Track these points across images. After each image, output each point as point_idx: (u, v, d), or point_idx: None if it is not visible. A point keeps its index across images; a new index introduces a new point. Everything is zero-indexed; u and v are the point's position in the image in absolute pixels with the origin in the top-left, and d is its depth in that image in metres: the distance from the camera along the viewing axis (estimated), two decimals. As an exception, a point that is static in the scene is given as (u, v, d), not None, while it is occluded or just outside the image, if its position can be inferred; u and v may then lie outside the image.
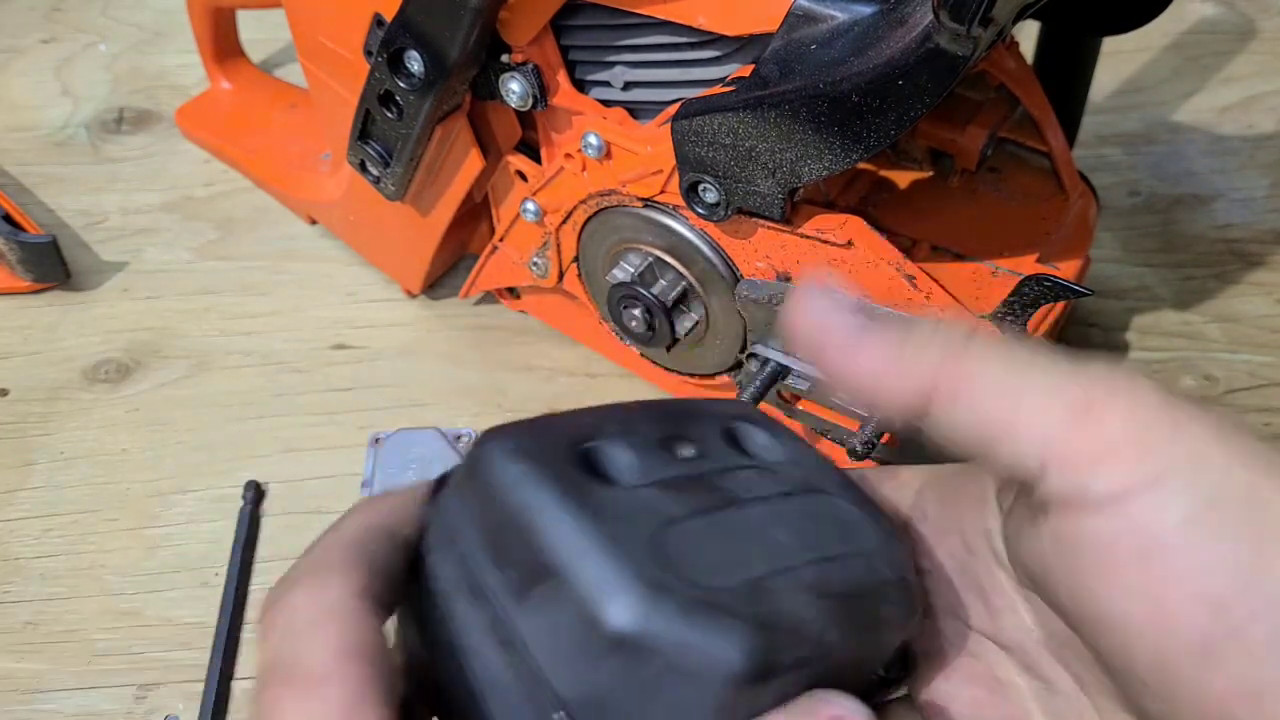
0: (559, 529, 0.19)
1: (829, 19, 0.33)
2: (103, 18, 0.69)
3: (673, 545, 0.19)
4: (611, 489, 0.20)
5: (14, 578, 0.43)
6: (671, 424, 0.23)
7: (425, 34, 0.37)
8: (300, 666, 0.19)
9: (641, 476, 0.21)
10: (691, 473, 0.21)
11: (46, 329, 0.52)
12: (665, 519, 0.20)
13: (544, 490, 0.20)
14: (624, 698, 0.19)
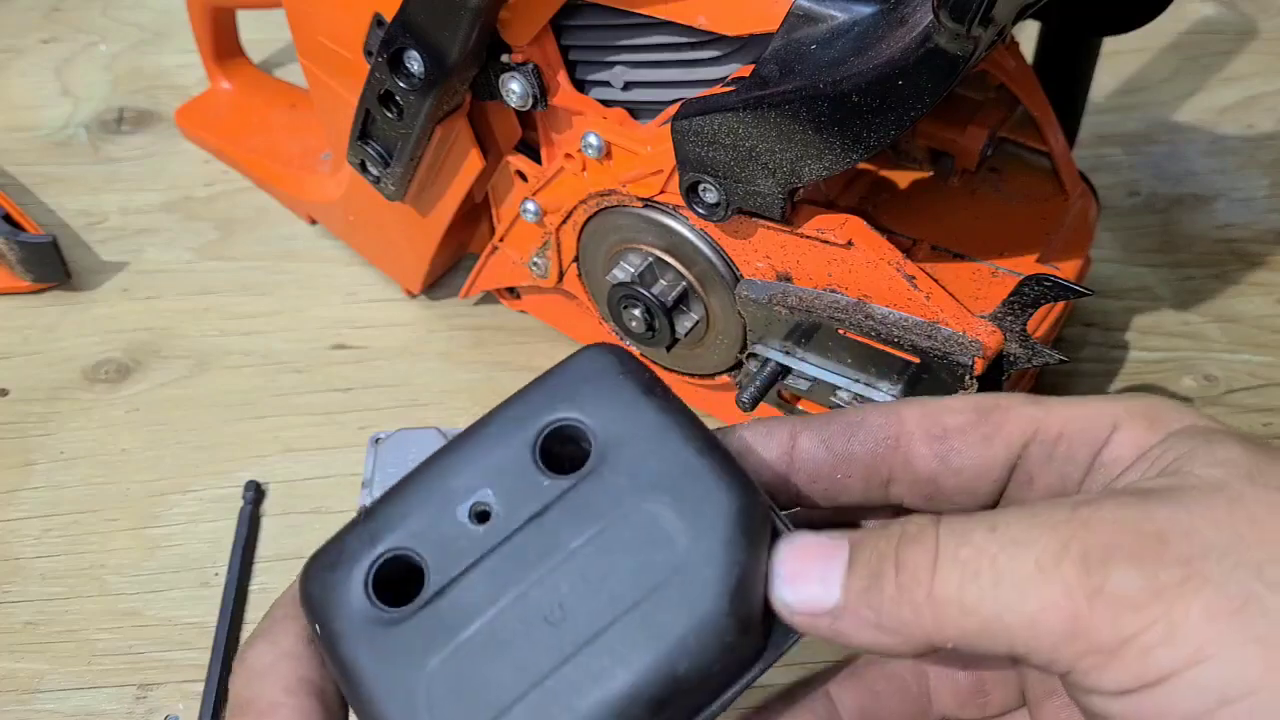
0: (351, 688, 0.21)
1: (829, 19, 0.33)
2: (103, 18, 0.69)
3: (442, 690, 0.21)
4: (398, 624, 0.21)
5: (14, 578, 0.43)
6: (476, 468, 0.22)
7: (425, 34, 0.37)
8: (254, 703, 0.22)
9: (431, 582, 0.22)
10: (486, 548, 0.22)
11: (46, 329, 0.52)
12: (440, 656, 0.21)
13: (340, 651, 0.21)
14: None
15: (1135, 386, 0.48)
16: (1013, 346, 0.35)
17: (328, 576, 0.22)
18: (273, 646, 0.23)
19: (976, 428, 0.23)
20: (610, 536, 0.21)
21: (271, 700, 0.22)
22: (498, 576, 0.21)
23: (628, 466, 0.22)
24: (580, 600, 0.21)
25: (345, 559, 0.22)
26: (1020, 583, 0.18)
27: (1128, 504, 0.18)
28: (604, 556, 0.21)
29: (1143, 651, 0.17)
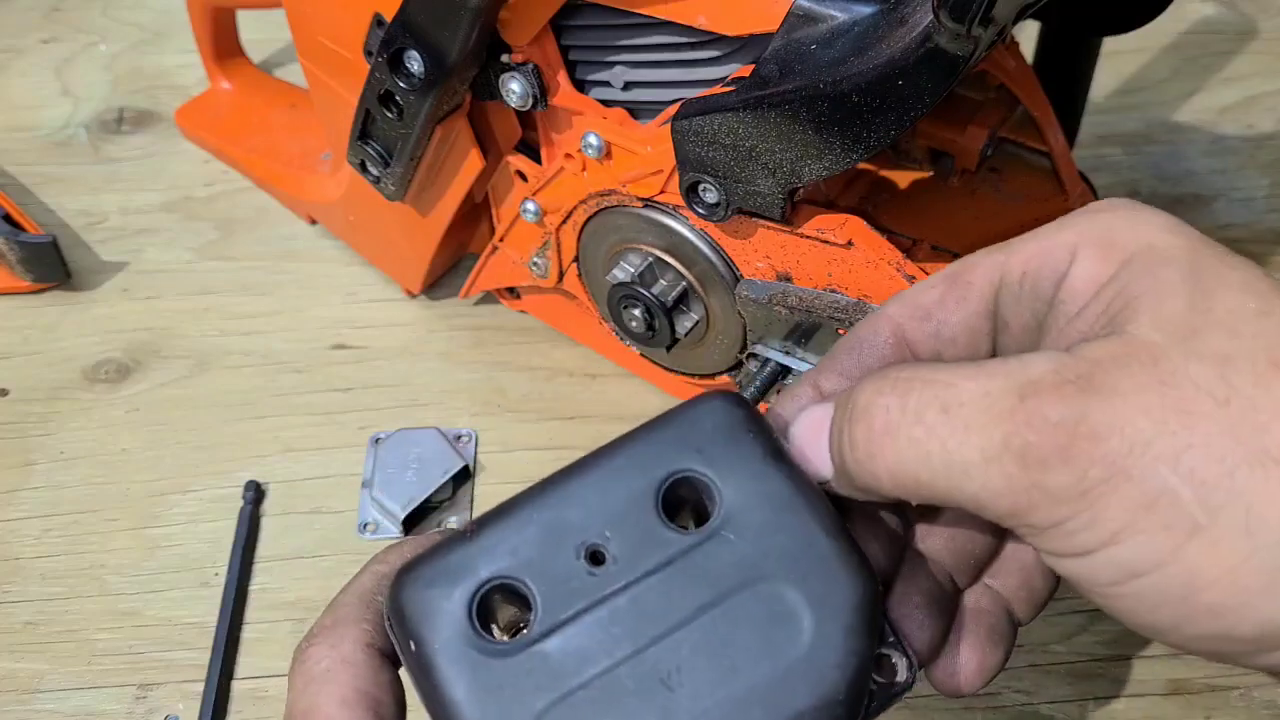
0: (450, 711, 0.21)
1: (829, 19, 0.33)
2: (103, 18, 0.69)
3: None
4: (501, 657, 0.21)
5: (14, 578, 0.43)
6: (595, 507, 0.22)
7: (425, 34, 0.37)
8: (311, 713, 0.22)
9: (542, 618, 0.21)
10: (598, 598, 0.21)
11: (46, 329, 0.52)
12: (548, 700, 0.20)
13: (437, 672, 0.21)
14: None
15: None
16: (1013, 346, 0.35)
17: (427, 594, 0.21)
18: (332, 650, 0.22)
19: (951, 294, 0.24)
20: (734, 608, 0.21)
21: (327, 714, 0.22)
22: (613, 627, 0.21)
23: (754, 536, 0.22)
24: (699, 668, 0.21)
25: (447, 578, 0.21)
26: (967, 468, 0.20)
27: (1068, 397, 0.20)
28: (726, 628, 0.21)
29: (1069, 533, 0.20)
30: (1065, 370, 0.20)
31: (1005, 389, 0.20)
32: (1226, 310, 0.20)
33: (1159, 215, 0.22)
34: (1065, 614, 0.41)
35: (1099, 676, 0.39)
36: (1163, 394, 0.19)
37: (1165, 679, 0.39)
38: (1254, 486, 0.18)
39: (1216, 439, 0.19)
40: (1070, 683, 0.39)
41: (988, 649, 0.25)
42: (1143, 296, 0.21)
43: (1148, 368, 0.19)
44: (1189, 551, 0.19)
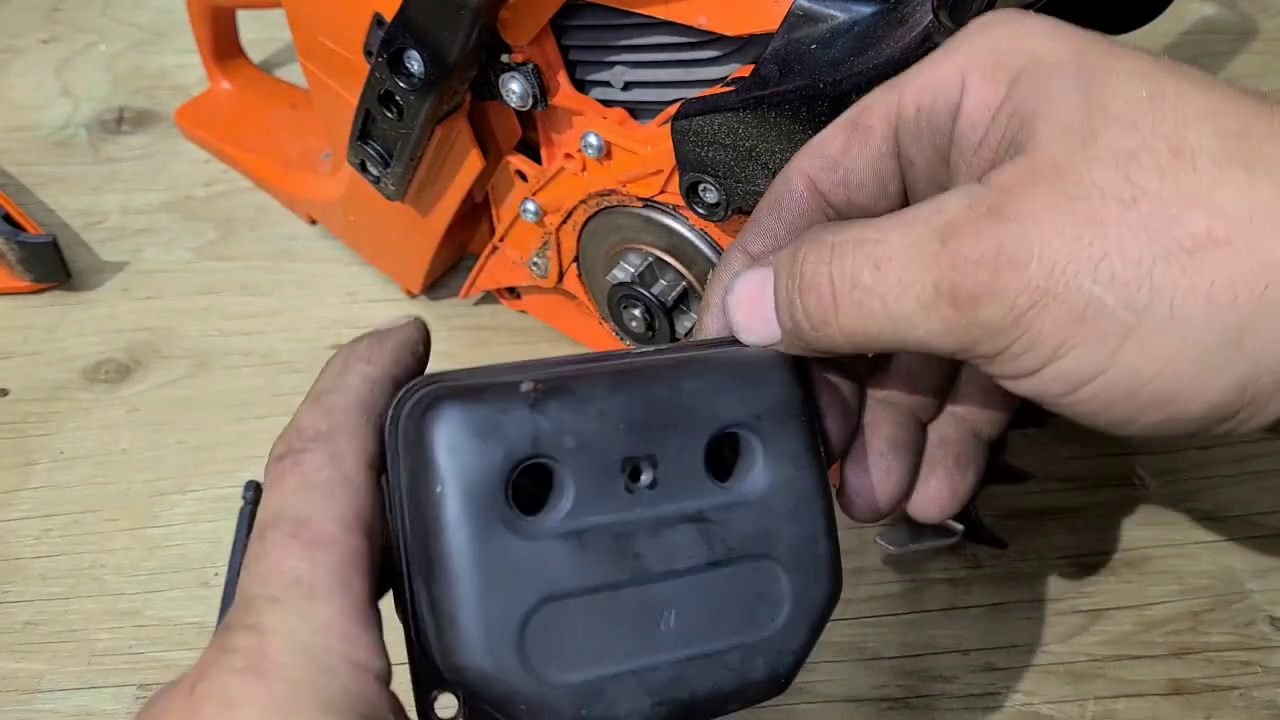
0: (447, 569, 0.20)
1: (829, 19, 0.33)
2: (103, 18, 0.69)
3: (541, 624, 0.21)
4: (518, 539, 0.21)
5: (14, 578, 0.43)
6: (652, 431, 0.22)
7: (425, 34, 0.37)
8: (310, 524, 0.21)
9: (568, 516, 0.21)
10: (624, 518, 0.21)
11: (46, 329, 0.52)
12: (550, 592, 0.21)
13: (453, 522, 0.20)
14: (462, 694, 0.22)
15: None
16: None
17: (471, 442, 0.21)
18: (334, 463, 0.22)
19: (852, 140, 0.25)
20: (736, 575, 0.23)
21: (327, 530, 0.21)
22: (630, 550, 0.22)
23: (774, 517, 0.23)
24: (689, 616, 0.22)
25: (497, 434, 0.21)
26: (909, 316, 0.21)
27: (984, 232, 0.20)
28: (724, 589, 0.22)
29: (1013, 357, 0.21)
30: (977, 205, 0.20)
31: (926, 235, 0.21)
32: (1122, 103, 0.20)
33: (1040, 21, 0.22)
34: (1065, 614, 0.41)
35: (1099, 676, 0.39)
36: (1072, 208, 0.20)
37: (1165, 679, 0.39)
38: (1172, 279, 0.19)
39: (1130, 241, 0.19)
40: (1070, 683, 0.39)
41: (956, 475, 0.27)
42: (1037, 111, 0.21)
43: (1053, 184, 0.20)
44: (1125, 353, 0.19)
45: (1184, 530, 0.43)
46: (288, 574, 0.21)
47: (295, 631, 0.20)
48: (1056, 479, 0.45)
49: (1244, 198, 0.19)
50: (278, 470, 0.22)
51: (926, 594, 0.42)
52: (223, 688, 0.20)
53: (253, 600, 0.21)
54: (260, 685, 0.20)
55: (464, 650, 0.20)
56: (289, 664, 0.20)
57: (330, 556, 0.21)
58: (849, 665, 0.40)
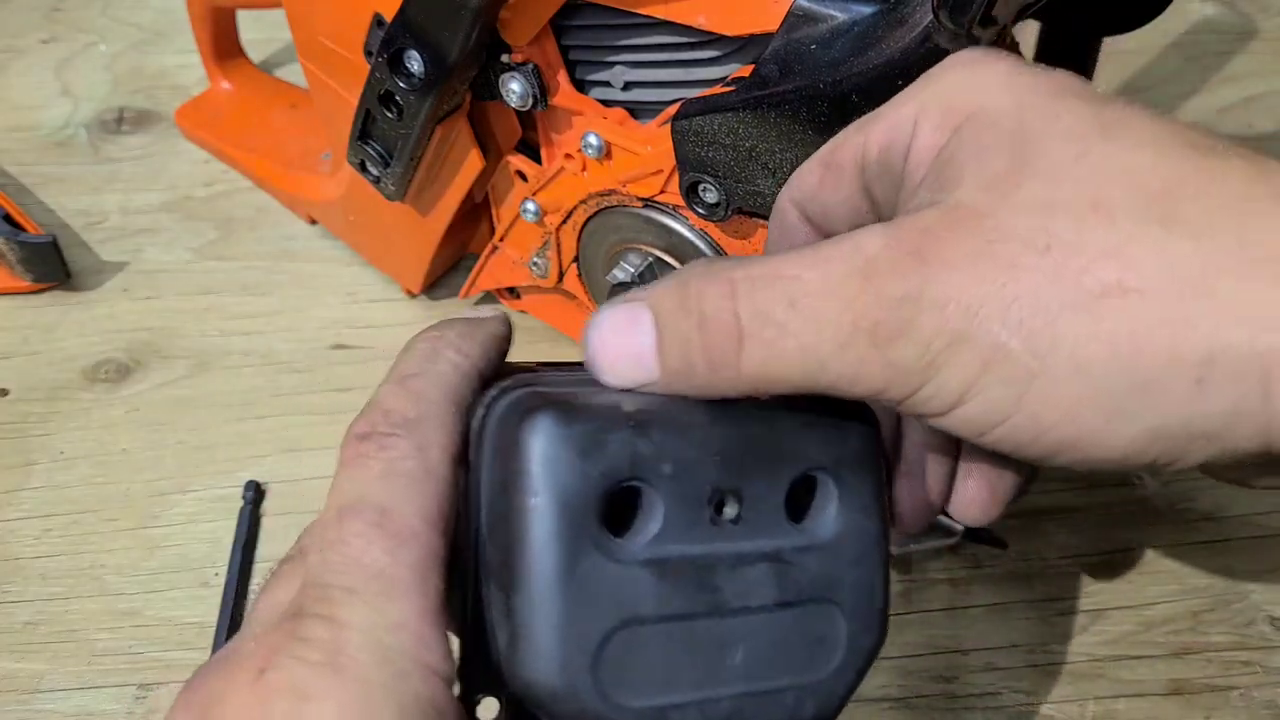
0: (532, 582, 0.20)
1: (829, 19, 0.33)
2: (103, 18, 0.69)
3: (617, 648, 0.21)
4: (606, 561, 0.21)
5: (14, 578, 0.43)
6: (739, 467, 0.22)
7: (425, 34, 0.37)
8: (394, 515, 0.21)
9: (654, 541, 0.21)
10: (707, 550, 0.22)
11: (46, 329, 0.52)
12: (629, 618, 0.21)
13: (545, 536, 0.20)
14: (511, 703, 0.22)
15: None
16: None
17: (572, 460, 0.20)
18: (420, 453, 0.21)
19: (826, 178, 0.25)
20: (802, 616, 0.23)
21: (410, 525, 0.20)
22: (709, 582, 0.22)
23: (842, 563, 0.23)
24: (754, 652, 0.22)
25: (596, 455, 0.21)
26: (824, 357, 0.21)
27: (907, 272, 0.20)
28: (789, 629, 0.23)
29: (924, 400, 0.21)
30: (897, 244, 0.20)
31: (847, 273, 0.20)
32: (1048, 161, 0.20)
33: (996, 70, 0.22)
34: (1065, 614, 0.41)
35: (1099, 677, 0.39)
36: (991, 253, 0.20)
37: (1165, 679, 0.39)
38: (1076, 327, 0.19)
39: (1041, 288, 0.19)
40: (1070, 683, 0.39)
41: (994, 476, 0.26)
42: (968, 161, 0.21)
43: (974, 230, 0.20)
44: (1029, 400, 0.20)
45: (1184, 530, 0.43)
46: (369, 566, 0.20)
47: (373, 628, 0.20)
48: (1056, 479, 0.45)
49: (1157, 253, 0.19)
50: (359, 450, 0.22)
51: (927, 594, 0.42)
52: (296, 679, 0.19)
53: (329, 589, 0.20)
54: (336, 681, 0.19)
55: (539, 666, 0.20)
56: (365, 662, 0.19)
57: (411, 552, 0.20)
58: (849, 665, 0.40)
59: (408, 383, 0.22)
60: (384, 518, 0.20)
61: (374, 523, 0.20)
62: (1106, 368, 0.19)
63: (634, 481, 0.21)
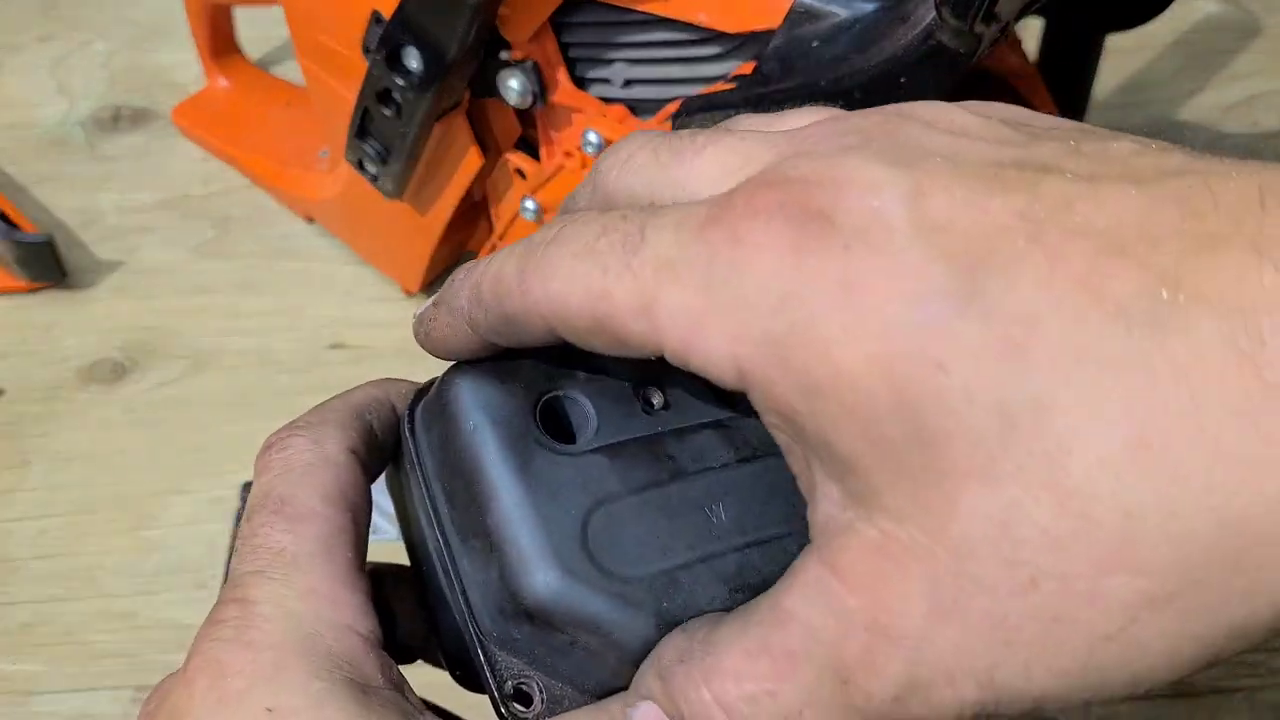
0: (497, 496, 0.21)
1: (831, 16, 0.32)
2: (99, 15, 0.69)
3: (599, 527, 0.21)
4: (558, 456, 0.21)
5: (10, 579, 0.43)
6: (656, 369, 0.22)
7: (423, 31, 0.37)
8: (291, 501, 0.22)
9: (596, 436, 0.22)
10: (649, 432, 0.22)
11: (42, 329, 0.52)
12: (600, 497, 0.21)
13: (492, 451, 0.21)
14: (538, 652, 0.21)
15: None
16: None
17: (494, 388, 0.22)
18: (316, 446, 0.23)
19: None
20: (768, 469, 0.22)
21: (309, 506, 0.22)
22: (664, 456, 0.22)
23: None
24: (736, 506, 0.22)
25: (516, 379, 0.22)
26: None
27: (886, 661, 0.17)
28: (758, 482, 0.22)
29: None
30: (853, 622, 0.17)
31: (824, 678, 0.17)
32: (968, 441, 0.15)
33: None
34: (1068, 615, 0.41)
35: (1102, 678, 0.39)
36: (968, 609, 0.16)
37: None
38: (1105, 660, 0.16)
39: (1048, 635, 0.16)
40: (1073, 685, 0.39)
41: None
42: (863, 452, 0.17)
43: (932, 576, 0.16)
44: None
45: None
46: (272, 548, 0.21)
47: (281, 600, 0.21)
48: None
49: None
50: (264, 461, 0.23)
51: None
52: (212, 658, 0.20)
53: (241, 577, 0.21)
54: (248, 653, 0.20)
55: (534, 566, 0.20)
56: (275, 631, 0.20)
57: (313, 528, 0.21)
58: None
59: (320, 405, 0.24)
60: (283, 505, 0.22)
61: (274, 510, 0.22)
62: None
63: (557, 392, 0.22)
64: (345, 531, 0.22)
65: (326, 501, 0.22)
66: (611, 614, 0.20)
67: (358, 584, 0.22)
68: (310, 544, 0.21)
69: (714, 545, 0.21)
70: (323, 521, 0.22)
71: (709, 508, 0.22)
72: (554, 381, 0.22)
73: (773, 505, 0.22)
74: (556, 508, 0.21)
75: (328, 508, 0.22)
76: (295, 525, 0.22)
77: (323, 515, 0.22)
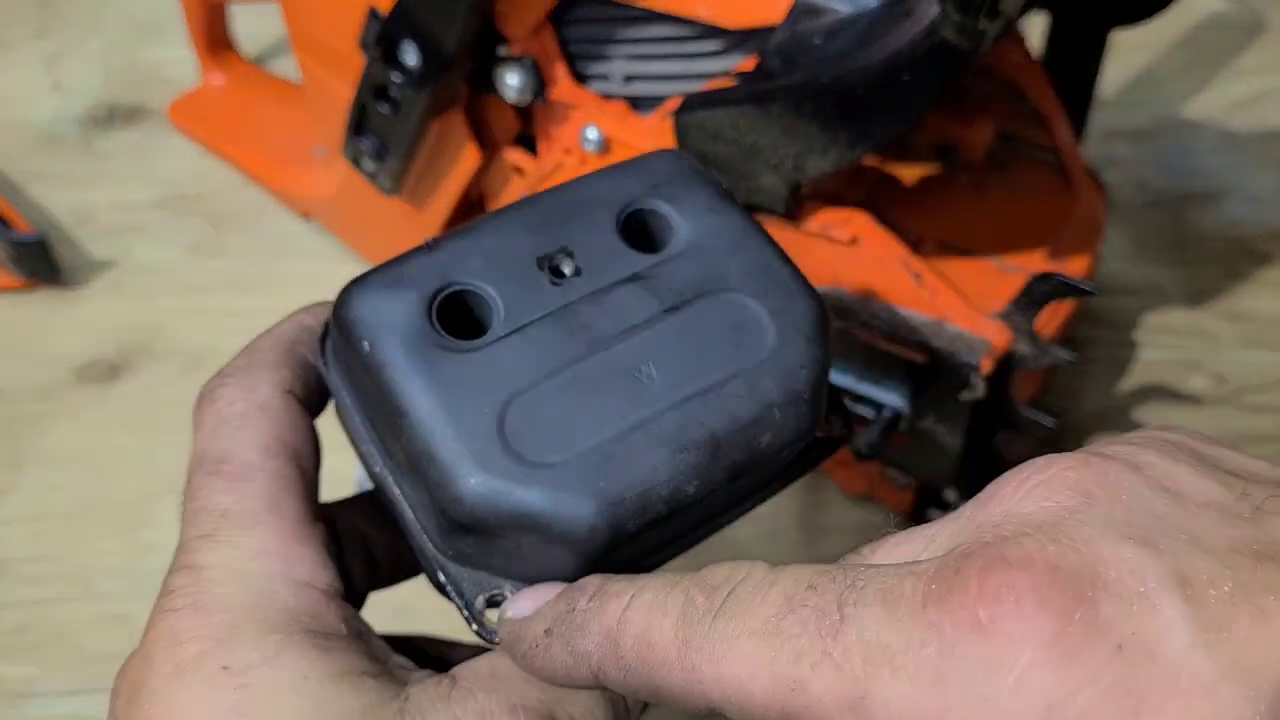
0: (404, 414, 0.20)
1: (833, 12, 0.32)
2: (94, 11, 0.68)
3: (517, 419, 0.20)
4: (462, 355, 0.20)
5: (3, 581, 0.43)
6: (557, 229, 0.22)
7: (421, 26, 0.36)
8: (228, 458, 0.21)
9: (504, 321, 0.21)
10: (561, 304, 0.21)
11: (36, 328, 0.52)
12: (513, 388, 0.20)
13: (392, 369, 0.20)
14: (495, 561, 0.20)
15: (1145, 386, 0.48)
16: (1021, 345, 0.34)
17: (383, 294, 0.21)
18: (248, 394, 0.22)
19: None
20: (700, 313, 0.21)
21: (247, 460, 0.21)
22: (579, 329, 0.21)
23: (714, 258, 0.22)
24: (669, 362, 0.21)
25: (405, 283, 0.21)
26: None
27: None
28: (693, 329, 0.21)
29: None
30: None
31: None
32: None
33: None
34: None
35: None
36: None
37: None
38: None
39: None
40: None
41: None
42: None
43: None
44: None
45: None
46: (214, 510, 0.21)
47: (230, 562, 0.20)
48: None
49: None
50: (197, 417, 0.22)
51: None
52: (168, 629, 0.20)
53: (188, 543, 0.21)
54: (201, 618, 0.20)
55: (453, 477, 0.19)
56: (226, 594, 0.20)
57: (254, 484, 0.21)
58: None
59: (249, 346, 0.23)
60: (220, 463, 0.21)
61: (212, 471, 0.21)
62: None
63: (454, 286, 0.21)
64: (290, 481, 0.21)
65: (265, 453, 0.21)
66: (544, 505, 0.19)
67: (310, 536, 0.21)
68: (253, 501, 0.21)
69: (647, 409, 0.20)
70: (264, 476, 0.21)
71: (637, 370, 0.21)
72: (449, 273, 0.21)
73: (709, 350, 0.21)
74: (467, 410, 0.20)
75: (268, 460, 0.21)
76: (235, 484, 0.21)
77: (263, 469, 0.21)
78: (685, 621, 0.17)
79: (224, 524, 0.21)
